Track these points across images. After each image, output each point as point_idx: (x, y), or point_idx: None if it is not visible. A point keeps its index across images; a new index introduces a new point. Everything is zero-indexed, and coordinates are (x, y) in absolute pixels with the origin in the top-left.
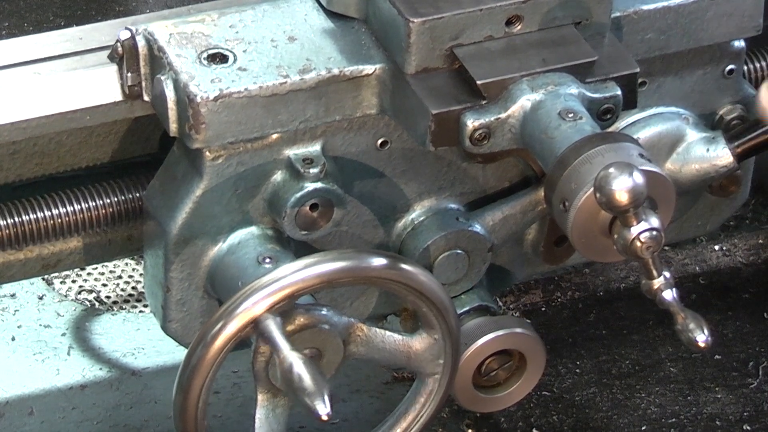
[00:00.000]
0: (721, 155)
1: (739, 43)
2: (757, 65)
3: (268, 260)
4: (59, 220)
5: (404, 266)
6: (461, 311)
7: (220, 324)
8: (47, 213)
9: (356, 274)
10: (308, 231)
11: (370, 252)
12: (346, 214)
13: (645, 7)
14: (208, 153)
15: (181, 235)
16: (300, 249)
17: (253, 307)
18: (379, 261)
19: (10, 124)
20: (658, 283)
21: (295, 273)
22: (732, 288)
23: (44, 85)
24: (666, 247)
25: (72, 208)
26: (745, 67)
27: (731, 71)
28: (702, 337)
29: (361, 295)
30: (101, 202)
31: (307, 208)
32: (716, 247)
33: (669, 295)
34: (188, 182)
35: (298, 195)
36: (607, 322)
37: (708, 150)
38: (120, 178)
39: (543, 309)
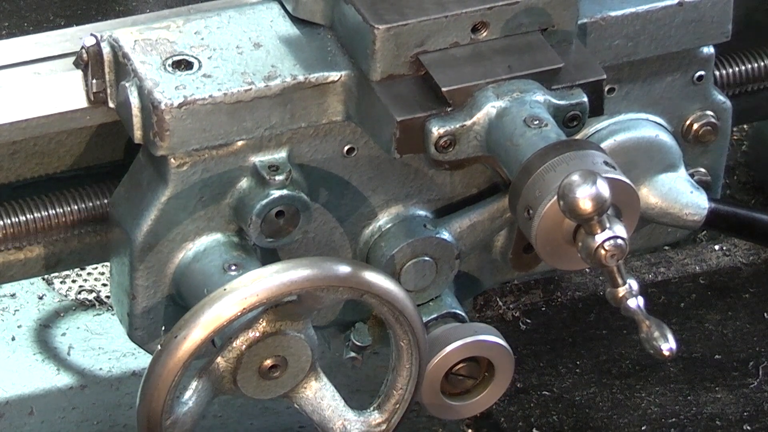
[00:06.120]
0: (701, 203)
1: (708, 50)
2: (728, 71)
3: (233, 268)
4: (59, 220)
5: (369, 274)
6: (428, 319)
7: (184, 332)
8: (47, 213)
9: (321, 282)
10: (274, 238)
11: (335, 260)
12: (312, 221)
13: (612, 14)
14: (172, 160)
15: (146, 243)
16: (266, 256)
17: (217, 315)
18: (344, 269)
19: (10, 124)
20: (622, 291)
21: (261, 281)
22: (732, 288)
23: (44, 85)
24: (666, 247)
25: (72, 208)
26: (717, 73)
27: (701, 77)
28: (666, 345)
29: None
30: (101, 202)
31: (273, 215)
32: (716, 247)
33: (633, 303)
34: (153, 189)
35: (264, 202)
36: (607, 322)
37: (692, 192)
38: (120, 178)
39: (543, 309)
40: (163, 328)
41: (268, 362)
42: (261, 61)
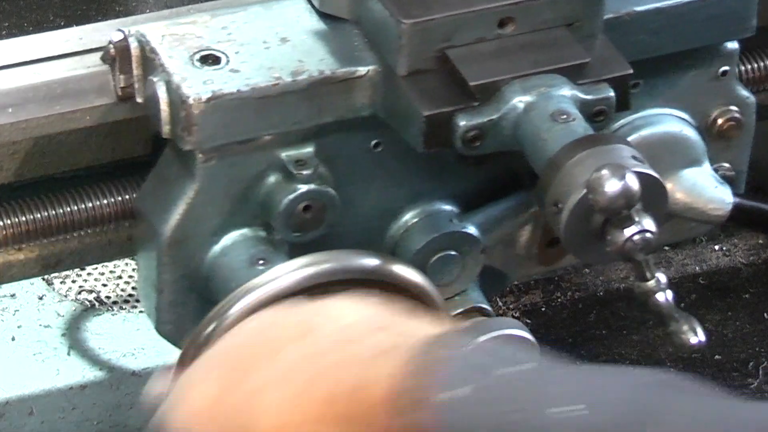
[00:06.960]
0: (725, 198)
1: (732, 45)
2: (752, 66)
3: (261, 262)
4: (59, 220)
5: (397, 267)
6: (454, 313)
7: (213, 325)
8: (47, 213)
9: (348, 275)
10: (301, 233)
11: (362, 253)
12: (338, 215)
13: (637, 9)
14: (200, 155)
15: (174, 237)
16: (293, 251)
17: (245, 308)
18: (371, 261)
19: (10, 124)
20: (651, 285)
21: (289, 274)
22: (732, 288)
23: (44, 85)
24: (666, 247)
25: (72, 208)
26: (742, 68)
27: (725, 73)
28: (695, 339)
29: None
30: (101, 202)
31: (300, 209)
32: (716, 247)
33: (662, 297)
34: (181, 184)
35: (291, 197)
36: (607, 322)
37: (716, 187)
38: (120, 178)
39: (543, 309)
40: (192, 321)
41: None
42: (288, 56)
